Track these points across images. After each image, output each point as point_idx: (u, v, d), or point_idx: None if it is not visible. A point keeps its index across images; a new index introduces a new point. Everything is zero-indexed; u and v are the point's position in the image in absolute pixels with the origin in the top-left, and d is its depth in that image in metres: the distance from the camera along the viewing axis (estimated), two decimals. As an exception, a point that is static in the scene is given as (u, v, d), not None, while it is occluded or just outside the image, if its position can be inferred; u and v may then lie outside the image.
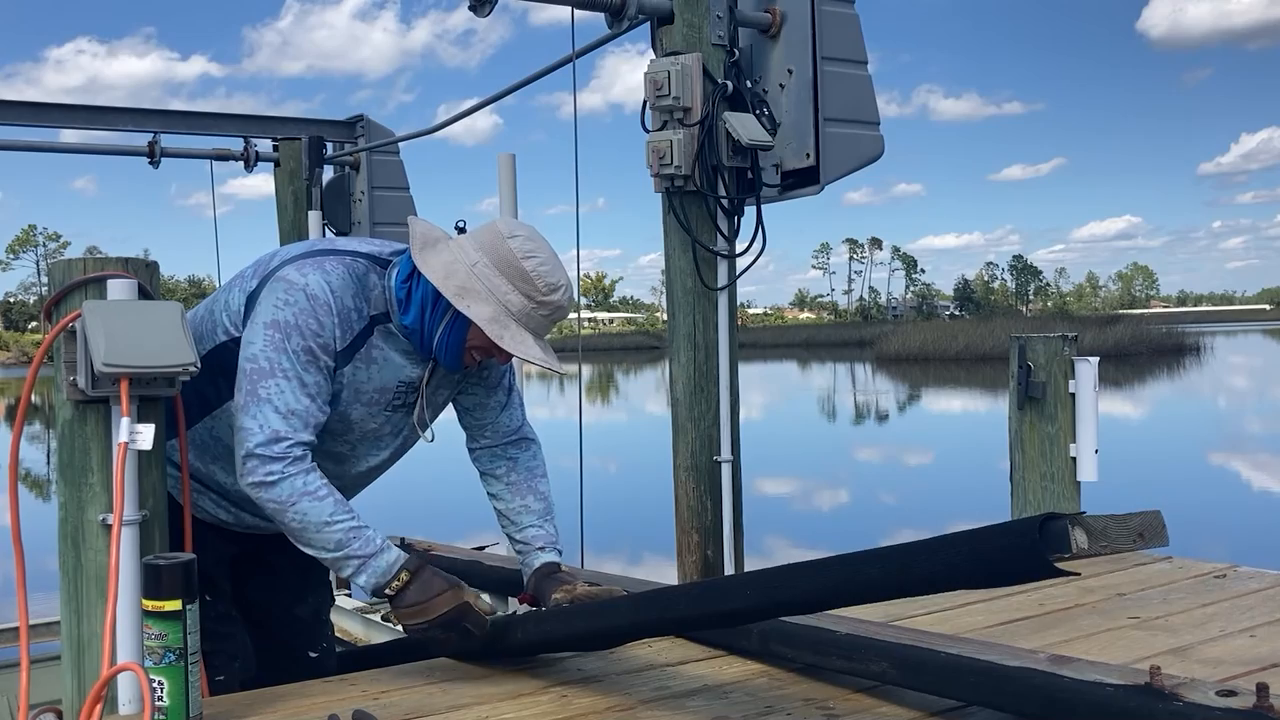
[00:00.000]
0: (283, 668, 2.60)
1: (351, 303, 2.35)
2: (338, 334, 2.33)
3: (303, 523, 2.28)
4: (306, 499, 2.27)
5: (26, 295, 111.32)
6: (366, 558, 2.31)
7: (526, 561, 2.65)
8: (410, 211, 6.76)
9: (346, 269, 2.36)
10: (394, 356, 2.43)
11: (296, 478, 2.27)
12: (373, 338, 2.40)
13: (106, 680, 2.05)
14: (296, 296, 2.29)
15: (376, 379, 2.43)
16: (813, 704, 2.26)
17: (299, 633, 2.74)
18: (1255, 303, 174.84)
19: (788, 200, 4.23)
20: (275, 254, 2.46)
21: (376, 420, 2.48)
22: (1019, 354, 4.02)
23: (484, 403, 2.66)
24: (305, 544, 2.33)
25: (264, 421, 2.26)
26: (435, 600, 2.35)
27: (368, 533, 2.33)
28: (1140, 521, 1.67)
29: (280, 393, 2.27)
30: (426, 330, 2.37)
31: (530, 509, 2.66)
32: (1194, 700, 1.85)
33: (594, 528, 4.62)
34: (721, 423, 4.10)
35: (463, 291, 2.29)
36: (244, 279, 2.45)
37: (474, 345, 2.38)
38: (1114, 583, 3.37)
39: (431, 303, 2.35)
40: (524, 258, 2.31)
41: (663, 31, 4.06)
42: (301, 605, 2.78)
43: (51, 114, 6.14)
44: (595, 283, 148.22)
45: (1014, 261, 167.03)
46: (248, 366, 2.29)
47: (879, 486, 15.46)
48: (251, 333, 2.31)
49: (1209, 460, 16.60)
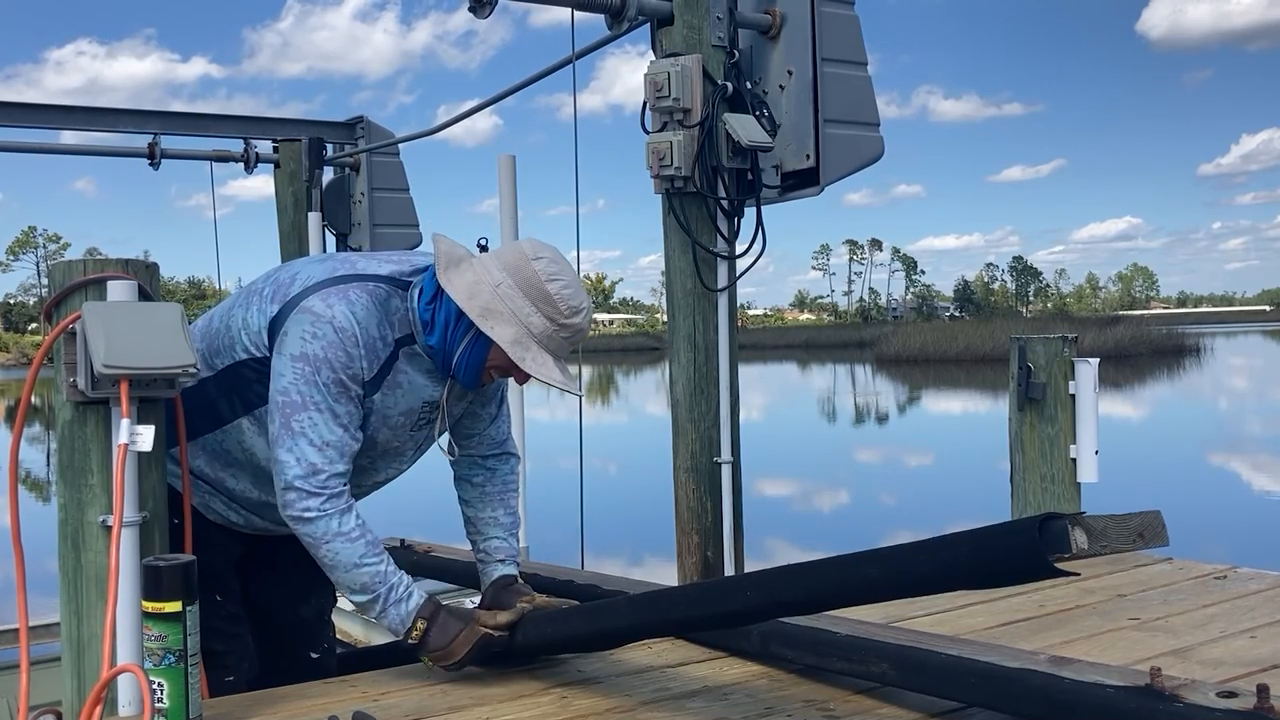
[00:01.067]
0: (284, 669, 2.62)
1: (377, 331, 2.36)
2: (365, 365, 2.34)
3: (334, 561, 2.35)
4: (340, 539, 2.33)
5: (26, 297, 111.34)
6: (387, 605, 2.38)
7: (485, 571, 2.70)
8: (410, 213, 6.77)
9: (370, 296, 2.36)
10: (418, 378, 2.45)
11: (333, 517, 2.32)
12: (398, 362, 2.41)
13: (106, 682, 2.05)
14: (324, 329, 2.30)
15: (402, 402, 2.45)
16: (813, 705, 2.26)
17: (302, 633, 2.76)
18: (1255, 304, 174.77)
19: (788, 201, 4.23)
20: (294, 275, 2.43)
21: (400, 439, 2.52)
22: (1019, 355, 4.02)
23: (477, 413, 2.69)
24: (335, 580, 2.41)
25: (300, 455, 2.29)
26: (454, 645, 2.42)
27: (394, 579, 2.39)
28: (1140, 522, 1.67)
29: (314, 425, 2.29)
30: (448, 349, 2.39)
31: (499, 521, 2.71)
32: (1194, 701, 1.85)
33: (594, 529, 4.62)
34: (721, 424, 4.10)
35: (486, 312, 2.31)
36: (262, 298, 2.43)
37: (493, 365, 2.41)
38: (1114, 584, 3.36)
39: (454, 322, 2.37)
40: (548, 280, 2.33)
41: (663, 33, 4.06)
42: (305, 606, 2.80)
43: (51, 115, 6.13)
44: (595, 284, 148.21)
45: (1014, 263, 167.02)
46: (280, 399, 2.31)
47: (879, 488, 15.46)
48: (280, 364, 2.32)
49: (1209, 461, 16.59)
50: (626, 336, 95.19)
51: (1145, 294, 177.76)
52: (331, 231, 6.65)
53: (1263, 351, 58.19)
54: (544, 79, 4.65)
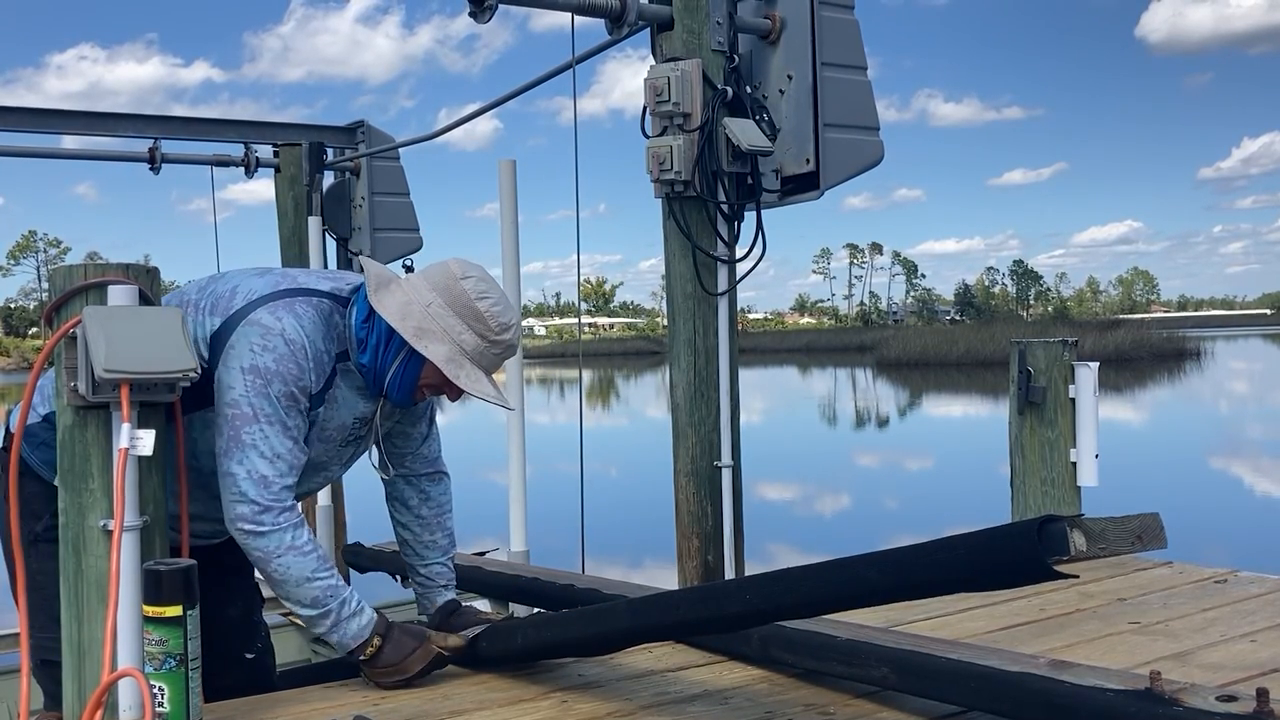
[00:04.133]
0: (221, 671, 2.59)
1: (323, 345, 2.39)
2: (313, 378, 2.37)
3: (284, 576, 2.35)
4: (292, 554, 2.34)
5: (27, 301, 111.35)
6: (341, 620, 2.40)
7: (429, 596, 2.76)
8: (411, 217, 6.78)
9: (315, 310, 2.39)
10: (350, 394, 2.48)
11: (286, 531, 2.33)
12: (336, 378, 2.45)
13: (107, 686, 2.05)
14: (274, 342, 2.31)
15: (337, 417, 2.48)
16: (813, 709, 2.26)
17: (232, 635, 2.72)
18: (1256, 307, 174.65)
19: (788, 205, 4.24)
20: (233, 288, 2.43)
21: (329, 454, 2.54)
22: (1019, 359, 4.02)
23: (407, 432, 2.71)
24: (283, 595, 2.40)
25: (251, 467, 2.30)
26: (409, 660, 2.46)
27: (344, 593, 2.41)
28: (1139, 524, 1.67)
29: (265, 438, 2.31)
30: (379, 368, 2.43)
31: (438, 545, 2.76)
32: (1194, 705, 1.85)
33: (594, 532, 4.62)
34: (722, 428, 4.11)
35: (420, 332, 2.35)
36: (198, 309, 2.40)
37: (426, 383, 2.45)
38: (1114, 587, 3.37)
39: (385, 342, 2.41)
40: (478, 298, 2.38)
41: (663, 37, 4.07)
42: (231, 607, 2.77)
43: (52, 120, 6.14)
44: (595, 288, 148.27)
45: (1014, 266, 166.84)
46: (229, 412, 2.31)
47: (880, 491, 15.45)
48: (229, 377, 2.31)
49: (1210, 465, 16.58)
50: (627, 340, 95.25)
51: (1146, 297, 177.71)
52: (332, 236, 6.67)
53: (1263, 355, 58.16)
54: (544, 83, 4.66)
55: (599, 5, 3.92)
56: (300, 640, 5.52)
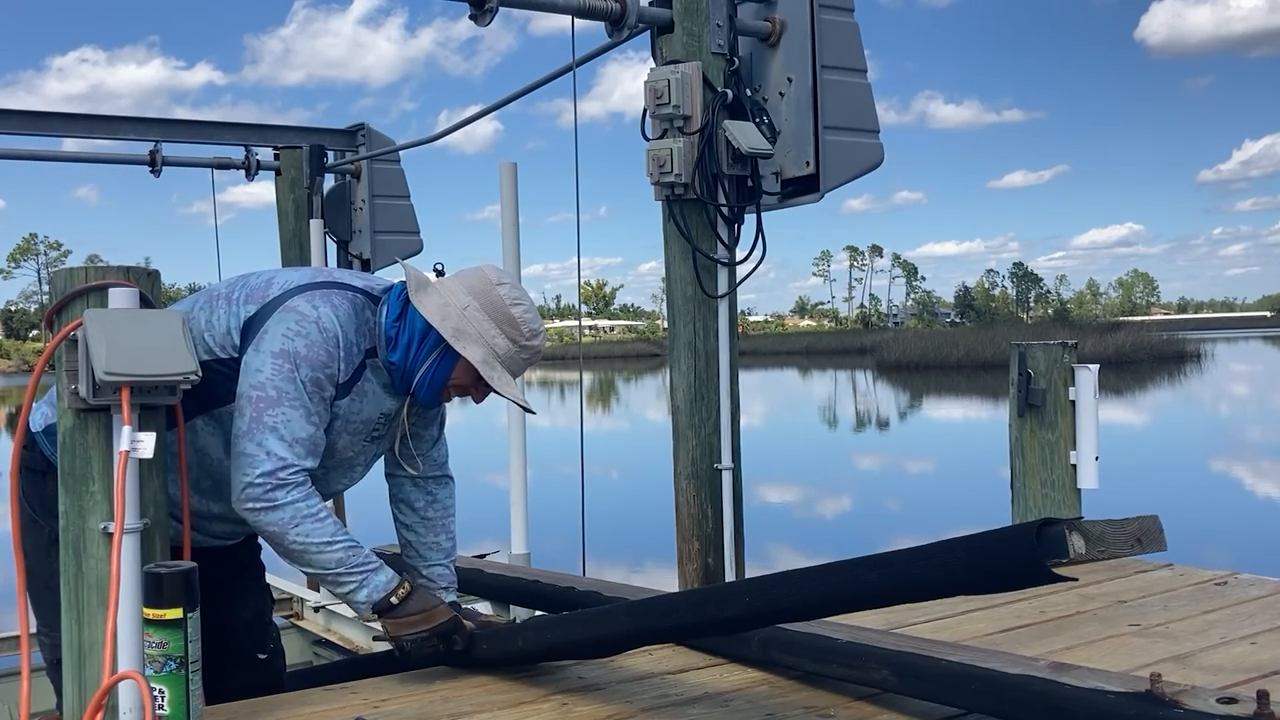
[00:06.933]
0: (234, 672, 2.63)
1: (354, 337, 2.43)
2: (341, 367, 2.41)
3: (304, 544, 2.37)
4: (309, 521, 2.36)
5: (28, 304, 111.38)
6: (368, 573, 2.43)
7: None
8: (411, 219, 6.78)
9: (350, 303, 2.45)
10: (377, 390, 2.52)
11: (300, 502, 2.36)
12: (365, 371, 2.48)
13: (107, 689, 2.05)
14: (308, 328, 2.35)
15: (363, 411, 2.51)
16: (813, 711, 2.26)
17: (247, 636, 2.76)
18: (1256, 309, 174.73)
19: (788, 208, 4.24)
20: (269, 279, 2.48)
21: (354, 449, 2.56)
22: (1019, 361, 4.02)
23: (420, 435, 2.74)
24: (304, 564, 2.42)
25: (270, 449, 2.32)
26: (436, 610, 2.51)
27: (364, 552, 2.45)
28: (1138, 526, 1.67)
29: (287, 421, 2.33)
30: (410, 366, 2.47)
31: (440, 547, 2.78)
32: (1195, 708, 1.85)
33: (595, 535, 4.62)
34: (722, 430, 4.10)
35: (458, 333, 2.41)
36: (230, 301, 2.45)
37: (455, 384, 2.50)
38: (1115, 590, 3.37)
39: (419, 341, 2.45)
40: (512, 305, 2.46)
41: (663, 40, 4.07)
42: (245, 608, 2.80)
43: (53, 123, 6.14)
44: (596, 290, 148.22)
45: (1014, 269, 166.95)
46: (254, 394, 2.33)
47: (880, 494, 15.45)
48: (257, 360, 2.34)
49: (1210, 467, 16.57)
50: (627, 343, 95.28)
51: (1146, 300, 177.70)
52: (332, 238, 6.67)
53: (1263, 357, 58.16)
54: (544, 86, 4.66)
55: (599, 8, 3.92)
56: (302, 642, 5.52)
